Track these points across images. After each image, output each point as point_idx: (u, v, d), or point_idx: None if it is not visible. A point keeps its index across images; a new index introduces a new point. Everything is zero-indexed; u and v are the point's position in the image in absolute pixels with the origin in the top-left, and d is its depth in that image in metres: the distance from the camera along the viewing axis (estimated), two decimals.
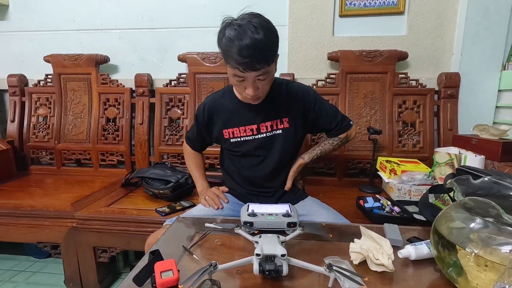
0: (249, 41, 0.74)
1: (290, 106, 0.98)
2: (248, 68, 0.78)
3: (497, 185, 0.57)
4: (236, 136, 0.99)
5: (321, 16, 1.53)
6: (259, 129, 0.98)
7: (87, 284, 1.28)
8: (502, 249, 0.46)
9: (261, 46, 0.76)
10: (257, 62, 0.77)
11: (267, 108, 0.97)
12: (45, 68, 1.72)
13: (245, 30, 0.75)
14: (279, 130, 0.98)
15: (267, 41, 0.77)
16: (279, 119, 0.98)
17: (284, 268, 0.52)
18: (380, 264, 0.56)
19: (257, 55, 0.76)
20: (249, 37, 0.74)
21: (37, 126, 1.75)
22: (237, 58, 0.76)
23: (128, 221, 1.17)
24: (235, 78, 0.83)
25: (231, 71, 0.82)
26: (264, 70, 0.80)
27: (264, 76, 0.82)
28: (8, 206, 1.26)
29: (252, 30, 0.75)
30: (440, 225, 0.56)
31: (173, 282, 0.51)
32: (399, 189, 1.23)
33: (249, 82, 0.83)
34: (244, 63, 0.76)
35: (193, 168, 1.15)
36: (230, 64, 0.80)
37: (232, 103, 0.99)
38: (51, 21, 1.73)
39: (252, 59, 0.76)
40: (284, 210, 0.75)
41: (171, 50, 1.68)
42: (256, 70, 0.79)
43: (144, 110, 1.65)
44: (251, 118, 0.98)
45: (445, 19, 1.48)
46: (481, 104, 1.49)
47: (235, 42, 0.75)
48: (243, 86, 0.85)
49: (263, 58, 0.78)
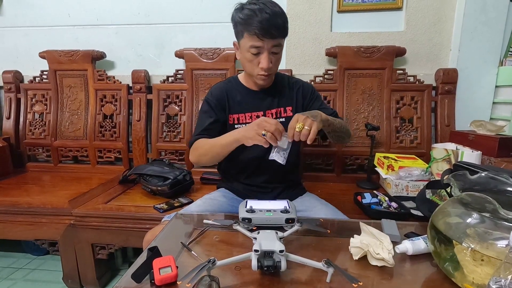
0: (270, 11, 0.83)
1: (292, 96, 1.03)
2: (267, 33, 0.83)
3: (494, 181, 0.57)
4: (241, 122, 1.00)
5: (319, 11, 1.53)
6: (265, 116, 0.98)
7: (85, 281, 1.28)
8: (498, 244, 0.47)
9: (280, 16, 0.85)
10: (276, 29, 0.84)
11: (272, 96, 1.00)
12: (40, 64, 1.71)
13: (265, 4, 0.84)
14: (282, 119, 1.00)
15: (284, 15, 0.87)
16: (283, 107, 1.01)
17: (283, 264, 0.52)
18: (380, 258, 0.57)
19: (277, 22, 0.84)
20: (270, 9, 0.84)
21: (33, 123, 1.74)
22: (258, 24, 0.82)
23: (126, 218, 1.17)
24: (251, 51, 0.87)
25: (247, 42, 0.87)
26: (279, 40, 0.87)
27: (278, 49, 0.88)
28: (5, 203, 1.26)
29: (272, 4, 0.86)
30: (437, 220, 0.57)
31: (172, 278, 0.51)
32: (397, 185, 1.23)
33: (264, 54, 0.87)
34: (265, 28, 0.82)
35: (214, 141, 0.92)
36: (248, 32, 0.85)
37: (238, 89, 1.02)
38: (46, 17, 1.71)
39: (272, 25, 0.83)
40: (282, 206, 0.75)
41: (168, 46, 1.67)
42: (274, 38, 0.85)
43: (142, 107, 1.64)
44: (257, 105, 1.00)
45: (443, 14, 1.48)
46: (478, 100, 1.50)
47: (256, 11, 0.83)
48: (257, 60, 0.89)
49: (282, 27, 0.86)
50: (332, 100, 1.53)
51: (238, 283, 0.54)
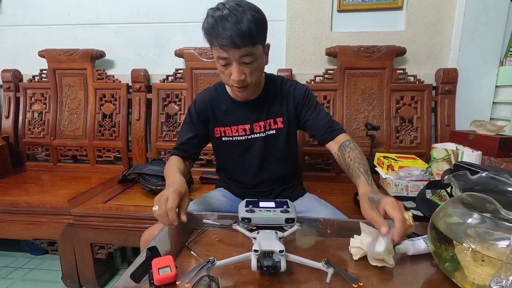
0: (233, 18, 0.73)
1: (284, 104, 0.95)
2: (230, 43, 0.73)
3: (495, 181, 0.57)
4: (228, 135, 0.96)
5: (319, 11, 1.52)
6: (252, 129, 0.95)
7: (84, 280, 1.28)
8: (499, 244, 0.47)
9: (245, 22, 0.73)
10: (239, 37, 0.73)
11: (260, 107, 0.94)
12: (39, 63, 1.70)
13: (230, 9, 0.74)
14: (272, 131, 0.95)
15: (252, 18, 0.74)
16: (273, 118, 0.94)
17: (282, 264, 0.52)
18: (380, 259, 0.57)
19: (239, 29, 0.72)
20: (234, 15, 0.73)
21: (32, 122, 1.74)
22: (219, 34, 0.73)
23: (126, 218, 1.17)
24: (220, 62, 0.79)
25: (215, 54, 0.79)
26: (248, 50, 0.76)
27: (250, 58, 0.78)
28: (4, 202, 1.25)
29: (236, 8, 0.74)
30: (437, 221, 0.56)
31: (171, 278, 0.51)
32: (397, 185, 1.23)
33: (234, 65, 0.78)
34: (226, 38, 0.73)
35: (170, 168, 0.88)
36: (213, 45, 0.77)
37: (224, 100, 0.95)
38: (45, 16, 1.71)
39: (234, 32, 0.72)
40: (282, 206, 0.75)
41: (168, 45, 1.66)
42: (238, 48, 0.74)
43: (141, 106, 1.64)
44: (244, 117, 0.94)
45: (444, 14, 1.47)
46: (479, 100, 1.49)
47: (218, 20, 0.74)
48: (229, 72, 0.80)
49: (246, 35, 0.73)
50: (332, 99, 1.53)
51: (237, 283, 0.54)
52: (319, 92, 1.53)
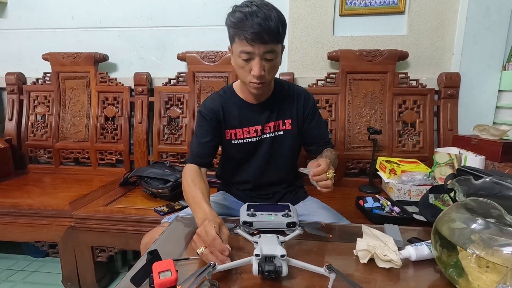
0: (262, 15, 0.77)
1: (294, 107, 0.97)
2: (257, 38, 0.77)
3: (499, 186, 0.57)
4: (239, 137, 0.96)
5: (321, 15, 1.53)
6: (263, 130, 0.95)
7: (84, 283, 1.27)
8: (504, 250, 0.46)
9: (273, 20, 0.77)
10: (267, 33, 0.77)
11: (271, 108, 0.95)
12: (43, 66, 1.71)
13: (259, 6, 0.78)
14: (280, 132, 0.96)
15: (279, 18, 0.79)
16: (282, 120, 0.96)
17: (284, 269, 0.52)
18: (388, 260, 0.56)
19: (268, 25, 0.76)
20: (263, 12, 0.77)
21: (35, 124, 1.74)
22: (248, 28, 0.76)
23: (127, 221, 1.17)
24: (242, 56, 0.81)
25: (238, 47, 0.80)
26: (272, 46, 0.79)
27: (272, 55, 0.81)
28: (5, 205, 1.25)
29: (266, 7, 0.78)
30: (441, 226, 0.56)
31: (172, 282, 0.51)
32: (399, 189, 1.22)
33: (256, 60, 0.80)
34: (254, 33, 0.76)
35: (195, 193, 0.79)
36: (239, 37, 0.79)
37: (234, 102, 0.95)
38: (49, 19, 1.72)
39: (262, 28, 0.76)
40: (283, 210, 0.75)
41: (170, 49, 1.67)
42: (264, 43, 0.78)
43: (143, 109, 1.65)
44: (255, 119, 0.94)
45: (446, 18, 1.48)
46: (481, 104, 1.49)
47: (247, 15, 0.77)
48: (249, 67, 0.82)
49: (273, 31, 0.78)
50: (334, 103, 1.53)
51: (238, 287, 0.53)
52: (321, 96, 1.53)
